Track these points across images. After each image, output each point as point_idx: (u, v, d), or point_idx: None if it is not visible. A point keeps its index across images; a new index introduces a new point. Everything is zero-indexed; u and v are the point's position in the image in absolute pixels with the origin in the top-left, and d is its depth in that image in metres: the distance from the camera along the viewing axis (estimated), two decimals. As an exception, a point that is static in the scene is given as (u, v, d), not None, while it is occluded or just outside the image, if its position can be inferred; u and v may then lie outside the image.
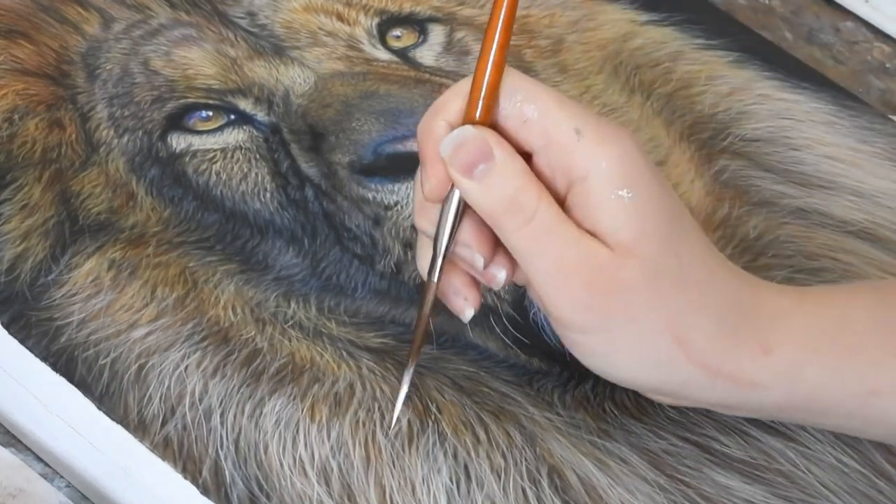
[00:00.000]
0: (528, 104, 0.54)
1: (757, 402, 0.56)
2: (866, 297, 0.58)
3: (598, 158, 0.53)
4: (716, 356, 0.55)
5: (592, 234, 0.54)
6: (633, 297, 0.54)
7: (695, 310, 0.54)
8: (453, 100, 0.56)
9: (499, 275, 0.58)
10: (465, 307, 0.59)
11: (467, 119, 0.55)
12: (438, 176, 0.55)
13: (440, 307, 0.69)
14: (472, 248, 0.57)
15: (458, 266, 0.59)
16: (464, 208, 0.56)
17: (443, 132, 0.55)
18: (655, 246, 0.54)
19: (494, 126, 0.55)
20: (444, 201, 0.56)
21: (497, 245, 0.57)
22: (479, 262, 0.57)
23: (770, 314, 0.56)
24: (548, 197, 0.54)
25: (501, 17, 0.54)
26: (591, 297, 0.53)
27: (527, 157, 0.55)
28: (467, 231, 0.57)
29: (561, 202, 0.54)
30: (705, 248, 0.56)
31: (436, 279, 0.58)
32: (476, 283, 0.59)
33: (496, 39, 0.54)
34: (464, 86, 0.55)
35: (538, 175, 0.55)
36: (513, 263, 0.57)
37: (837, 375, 0.55)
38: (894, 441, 0.61)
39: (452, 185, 0.55)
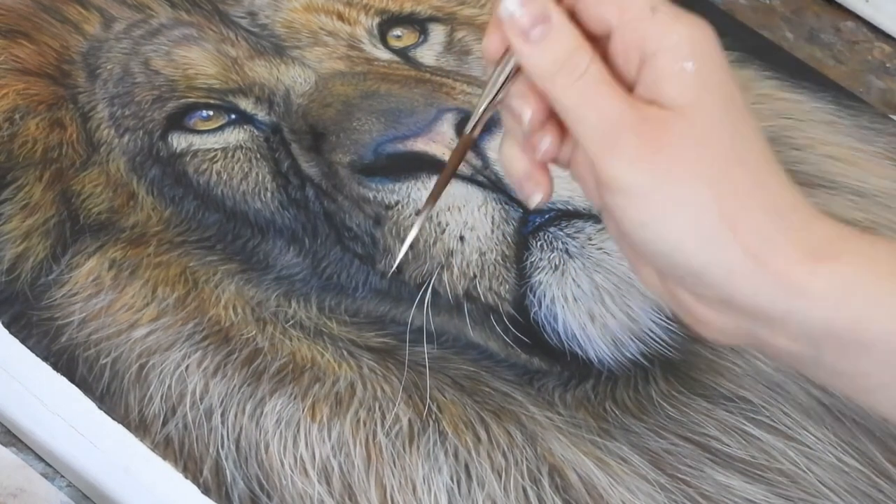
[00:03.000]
0: None
1: (798, 320, 0.54)
2: None
3: (670, 32, 0.54)
4: (765, 245, 0.53)
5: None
6: (682, 155, 0.53)
7: (746, 194, 0.53)
8: None
9: (543, 140, 0.57)
10: (535, 191, 0.58)
11: None
12: (499, 36, 0.55)
13: (441, 306, 0.69)
14: (523, 100, 0.56)
15: (531, 155, 0.58)
16: (514, 72, 0.56)
17: None
18: (712, 117, 0.53)
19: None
20: (497, 64, 0.56)
21: (547, 118, 0.57)
22: (527, 114, 0.56)
23: (828, 230, 0.54)
24: (600, 60, 0.54)
25: None
26: (639, 149, 0.53)
27: (598, 43, 0.55)
28: (521, 84, 0.56)
29: (630, 86, 0.55)
30: (767, 151, 0.55)
31: (468, 130, 0.58)
32: (548, 172, 0.58)
33: None
34: None
35: (611, 57, 0.55)
36: (559, 136, 0.57)
37: (886, 304, 0.53)
38: None
39: (506, 51, 0.56)
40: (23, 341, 0.67)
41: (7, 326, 0.68)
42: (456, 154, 0.59)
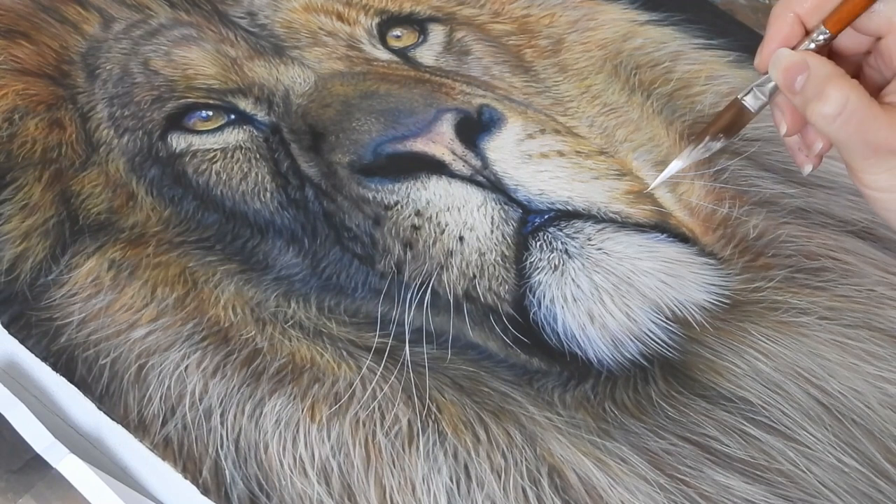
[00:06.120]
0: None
1: None
2: None
3: None
4: None
5: None
6: None
7: None
8: None
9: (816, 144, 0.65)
10: (805, 162, 0.66)
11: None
12: (765, 61, 0.63)
13: (441, 307, 0.69)
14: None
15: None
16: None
17: (789, 21, 0.63)
18: None
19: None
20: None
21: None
22: (783, 129, 0.64)
23: None
24: (858, 87, 0.60)
25: None
26: None
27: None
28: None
29: (883, 85, 0.62)
30: None
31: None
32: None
33: None
34: None
35: (881, 55, 0.62)
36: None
37: None
38: None
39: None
40: (22, 341, 0.67)
41: (6, 326, 0.68)
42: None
